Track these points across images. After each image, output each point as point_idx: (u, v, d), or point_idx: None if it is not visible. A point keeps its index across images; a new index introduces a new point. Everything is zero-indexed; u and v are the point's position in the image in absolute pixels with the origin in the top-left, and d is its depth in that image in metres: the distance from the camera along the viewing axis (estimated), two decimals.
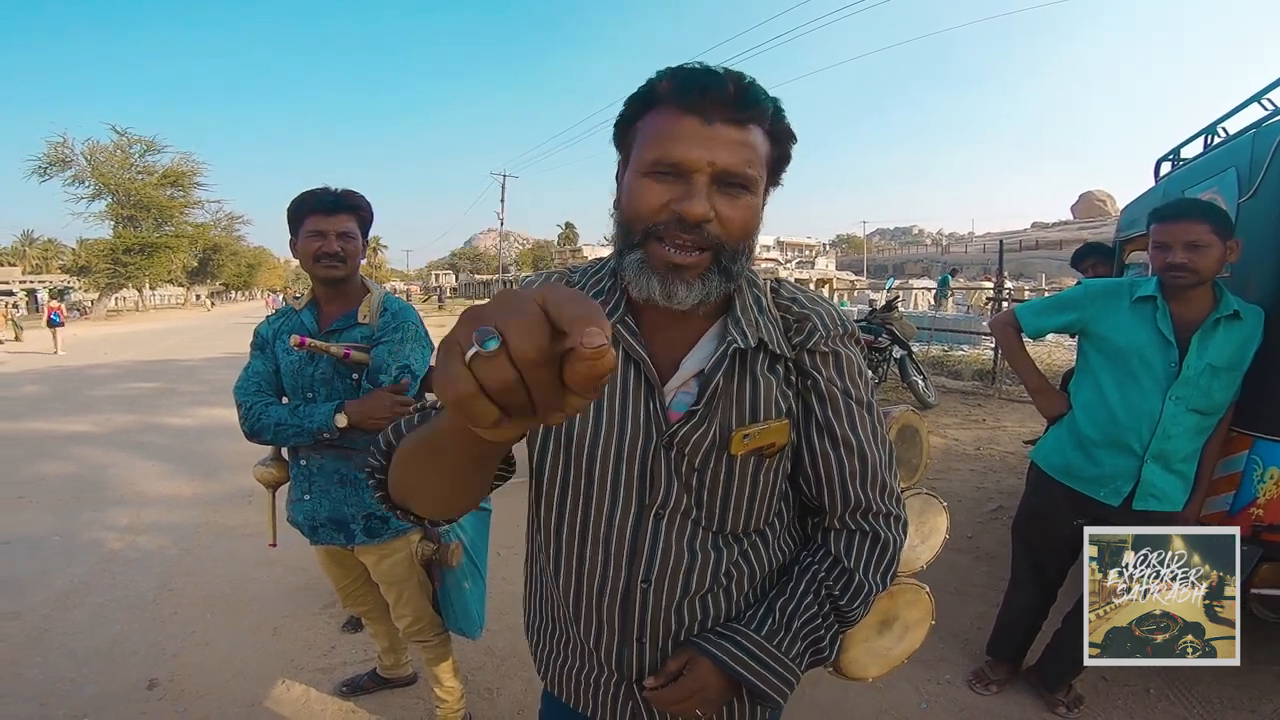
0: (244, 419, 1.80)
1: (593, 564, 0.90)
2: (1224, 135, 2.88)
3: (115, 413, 7.84)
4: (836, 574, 0.92)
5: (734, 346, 0.85)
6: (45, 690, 2.42)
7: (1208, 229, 1.82)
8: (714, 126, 0.76)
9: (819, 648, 0.92)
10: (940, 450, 5.57)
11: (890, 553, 0.94)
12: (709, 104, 0.76)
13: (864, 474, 0.91)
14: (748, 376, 0.87)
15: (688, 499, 0.88)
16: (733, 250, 0.80)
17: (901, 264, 63.82)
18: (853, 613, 0.93)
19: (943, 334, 11.85)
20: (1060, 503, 2.12)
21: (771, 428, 0.87)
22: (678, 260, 0.78)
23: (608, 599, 0.90)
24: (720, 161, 0.76)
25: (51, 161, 30.93)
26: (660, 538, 0.88)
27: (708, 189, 0.76)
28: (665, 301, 0.80)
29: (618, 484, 0.88)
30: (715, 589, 0.91)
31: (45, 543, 3.85)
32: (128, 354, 15.15)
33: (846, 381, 0.91)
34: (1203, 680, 2.41)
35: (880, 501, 0.93)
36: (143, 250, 32.49)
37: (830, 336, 0.91)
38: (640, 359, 0.87)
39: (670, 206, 0.77)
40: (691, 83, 0.76)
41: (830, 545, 0.94)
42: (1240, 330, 1.89)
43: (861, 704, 2.36)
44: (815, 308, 0.92)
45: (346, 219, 1.80)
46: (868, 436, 0.92)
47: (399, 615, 2.05)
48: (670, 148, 0.76)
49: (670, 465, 0.87)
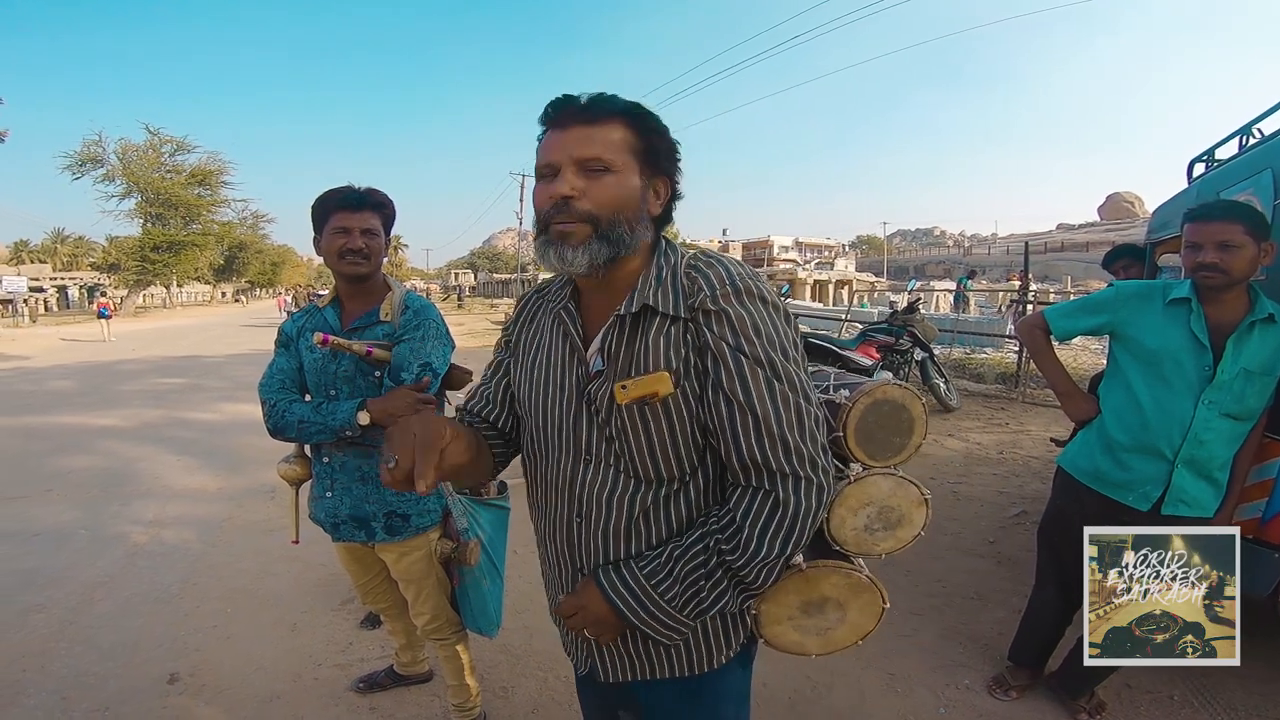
0: (268, 416, 1.82)
1: (545, 503, 1.11)
2: (1259, 136, 2.82)
3: (143, 407, 7.98)
4: (726, 527, 0.96)
5: (617, 314, 1.00)
6: (69, 683, 2.46)
7: (1241, 229, 1.78)
8: (568, 130, 0.97)
9: (699, 597, 0.97)
10: (962, 454, 5.51)
11: (789, 515, 0.94)
12: (563, 116, 0.97)
13: (757, 432, 0.94)
14: (640, 338, 0.99)
15: (604, 447, 1.02)
16: (609, 219, 0.96)
17: (922, 265, 63.22)
18: (746, 571, 0.95)
19: (965, 336, 11.72)
20: (1087, 508, 2.08)
21: (648, 378, 0.95)
22: (564, 229, 0.96)
23: (557, 532, 1.09)
24: (576, 152, 0.95)
25: (84, 159, 31.53)
26: (588, 480, 1.04)
27: (573, 175, 0.95)
28: (561, 265, 0.98)
29: (560, 435, 1.06)
30: (632, 529, 1.02)
31: (72, 536, 3.92)
32: (155, 350, 15.41)
33: (739, 339, 0.94)
34: (1228, 686, 2.36)
35: (780, 461, 0.93)
36: (170, 248, 33.05)
37: (716, 295, 0.95)
38: (570, 332, 1.06)
39: (551, 196, 0.96)
40: (550, 107, 0.99)
41: (731, 502, 0.98)
42: (1276, 334, 1.84)
43: (879, 709, 2.33)
44: (708, 270, 0.98)
45: (370, 216, 1.81)
46: (760, 394, 0.93)
47: (417, 613, 2.06)
48: (543, 155, 0.99)
49: (590, 418, 1.03)
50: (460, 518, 1.93)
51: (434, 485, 0.82)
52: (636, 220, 0.99)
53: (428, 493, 0.82)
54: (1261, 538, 2.10)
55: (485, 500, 2.06)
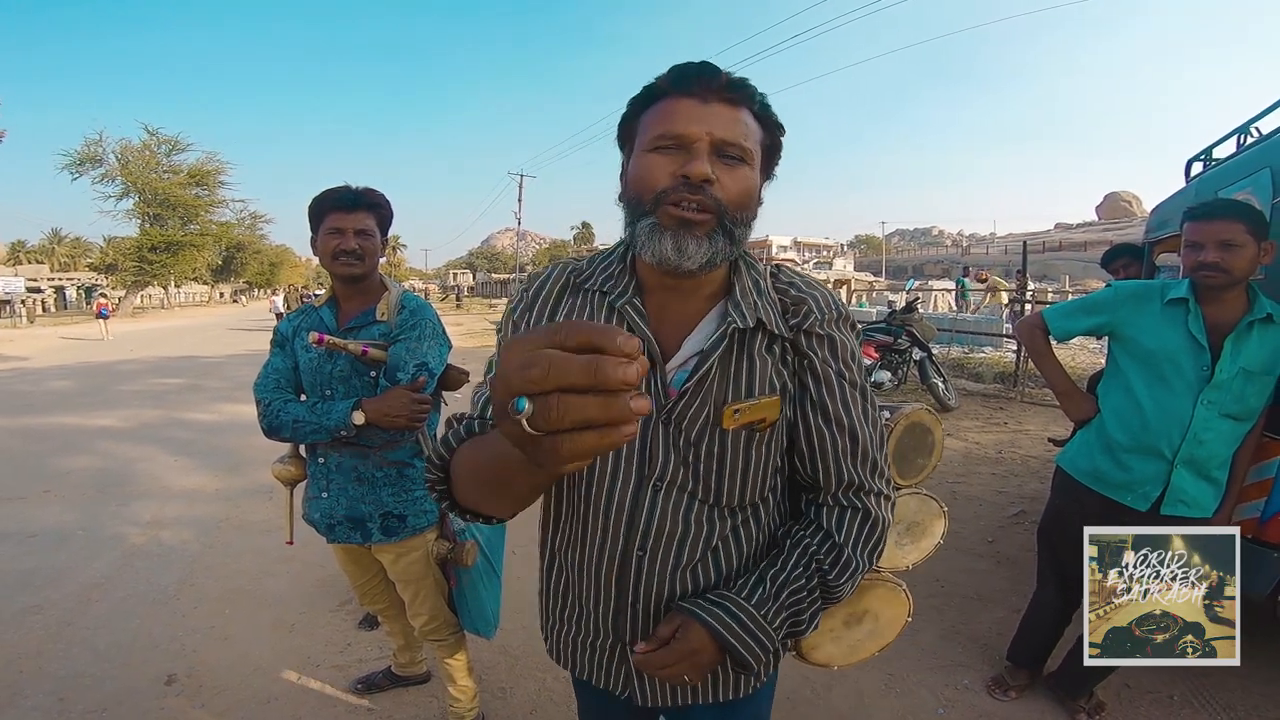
0: (263, 416, 1.81)
1: (594, 531, 0.96)
2: (1257, 135, 2.82)
3: (141, 408, 7.96)
4: (827, 548, 0.95)
5: (733, 326, 0.90)
6: (66, 684, 2.45)
7: (1242, 228, 1.78)
8: (709, 104, 0.84)
9: (798, 620, 0.94)
10: (961, 454, 5.50)
11: (879, 530, 0.97)
12: (703, 87, 0.84)
13: (855, 451, 0.95)
14: (744, 355, 0.92)
15: (684, 472, 0.92)
16: (734, 215, 0.85)
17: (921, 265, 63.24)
18: (839, 588, 0.95)
19: (963, 336, 11.72)
20: (1087, 507, 2.08)
21: (762, 403, 0.90)
22: (688, 216, 0.83)
23: (605, 564, 0.96)
24: (717, 132, 0.83)
25: (84, 159, 31.45)
26: (657, 509, 0.93)
27: (708, 156, 0.83)
28: (677, 258, 0.83)
29: (619, 456, 0.93)
30: (707, 559, 0.95)
31: (70, 536, 3.91)
32: (153, 350, 15.39)
33: (840, 364, 0.95)
34: (1228, 687, 2.36)
35: (871, 480, 0.97)
36: (168, 248, 32.95)
37: (825, 320, 0.95)
38: (645, 336, 0.91)
39: (675, 174, 0.83)
40: (688, 71, 0.85)
41: (822, 520, 0.97)
42: (1275, 334, 1.84)
43: (878, 709, 2.33)
44: (812, 292, 0.97)
45: (365, 217, 1.81)
46: (859, 416, 0.96)
47: (415, 614, 2.06)
48: (671, 124, 0.84)
49: (668, 439, 0.92)
50: (457, 519, 1.93)
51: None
52: (752, 220, 0.90)
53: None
54: (1260, 537, 2.10)
55: None
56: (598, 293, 0.95)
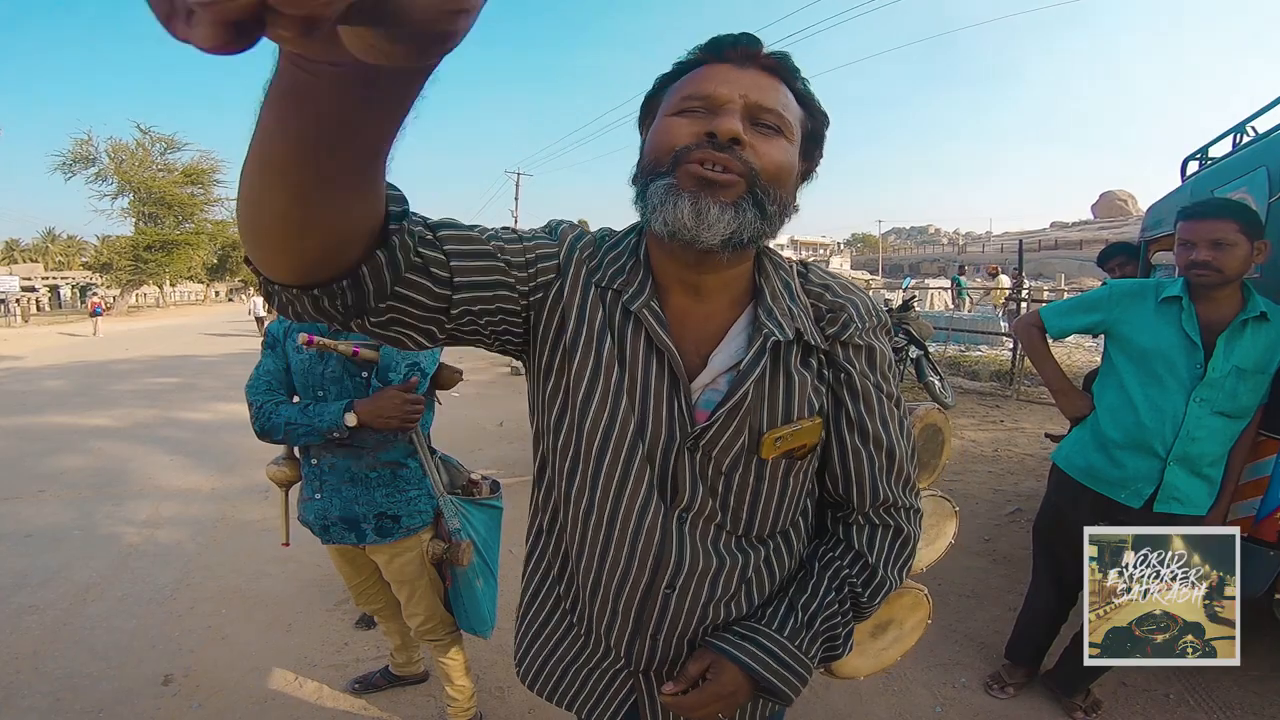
0: (255, 418, 1.80)
1: (615, 560, 0.84)
2: (1253, 134, 2.82)
3: (136, 407, 7.94)
4: (859, 568, 0.89)
5: (772, 339, 0.79)
6: (62, 684, 2.44)
7: (1235, 227, 1.78)
8: (746, 70, 0.75)
9: (834, 644, 0.89)
10: (957, 452, 5.51)
11: (910, 547, 0.93)
12: (742, 53, 0.75)
13: (890, 469, 0.89)
14: (781, 372, 0.81)
15: (712, 504, 0.83)
16: (767, 186, 0.73)
17: (917, 263, 63.28)
18: (871, 607, 0.92)
19: (960, 334, 11.74)
20: (1082, 505, 2.09)
21: (804, 428, 0.81)
22: (710, 175, 0.71)
23: (626, 596, 0.85)
24: (753, 96, 0.73)
25: (75, 159, 31.34)
26: (686, 543, 0.83)
27: (741, 119, 0.72)
28: (694, 225, 0.70)
29: (639, 483, 0.81)
30: (739, 592, 0.87)
31: (66, 536, 3.90)
32: (148, 349, 15.34)
33: (878, 375, 0.87)
34: (1223, 685, 2.36)
35: (903, 496, 0.91)
36: (164, 247, 32.83)
37: (865, 329, 0.86)
38: (667, 349, 0.79)
39: (699, 132, 0.72)
40: (727, 38, 0.76)
41: (852, 539, 0.90)
42: (1268, 332, 1.84)
43: (876, 708, 2.33)
44: (849, 296, 0.87)
45: None
46: (895, 431, 0.88)
47: (411, 614, 2.05)
48: (700, 84, 0.74)
49: (695, 469, 0.81)
50: (452, 518, 1.92)
51: None
52: (788, 205, 0.78)
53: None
54: (1256, 536, 2.10)
55: (478, 500, 2.05)
56: (610, 290, 0.81)
